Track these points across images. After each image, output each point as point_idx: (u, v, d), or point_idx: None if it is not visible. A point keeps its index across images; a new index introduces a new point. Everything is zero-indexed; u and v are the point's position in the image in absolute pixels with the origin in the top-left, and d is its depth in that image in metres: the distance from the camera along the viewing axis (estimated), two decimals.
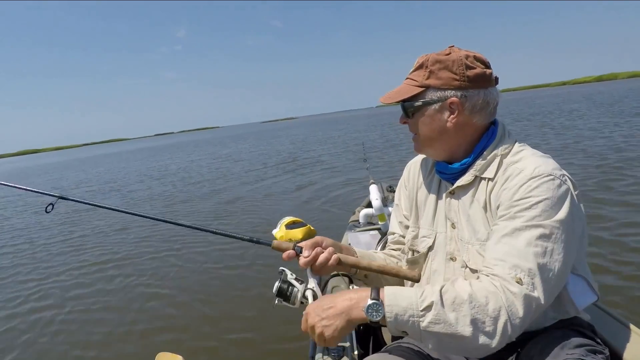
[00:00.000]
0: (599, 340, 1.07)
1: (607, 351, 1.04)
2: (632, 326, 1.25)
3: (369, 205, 2.94)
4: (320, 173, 9.94)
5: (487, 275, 0.93)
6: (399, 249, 1.37)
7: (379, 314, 0.89)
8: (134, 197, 9.82)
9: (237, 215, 6.49)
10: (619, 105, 19.40)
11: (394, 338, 1.46)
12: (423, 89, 1.08)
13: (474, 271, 1.07)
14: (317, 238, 1.18)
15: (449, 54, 1.07)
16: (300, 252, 1.15)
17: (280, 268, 1.14)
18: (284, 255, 1.16)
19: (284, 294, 1.13)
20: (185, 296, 3.57)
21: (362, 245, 2.43)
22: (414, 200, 1.28)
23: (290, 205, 6.92)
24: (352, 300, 0.94)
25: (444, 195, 1.18)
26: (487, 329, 0.86)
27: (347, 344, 1.34)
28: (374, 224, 2.79)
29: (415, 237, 1.25)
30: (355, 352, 1.33)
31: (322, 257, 1.14)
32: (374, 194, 2.77)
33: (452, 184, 1.14)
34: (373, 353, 1.16)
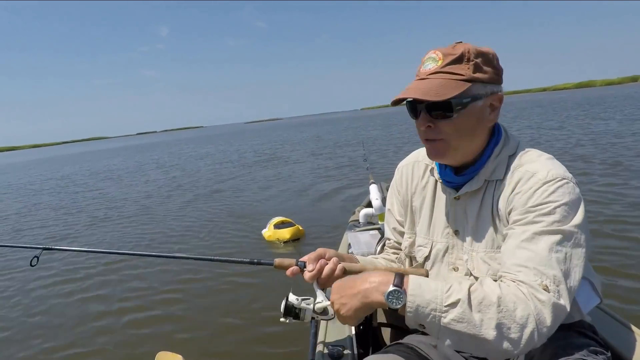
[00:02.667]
0: (600, 342, 1.06)
1: (608, 352, 1.03)
2: (633, 327, 1.24)
3: (369, 205, 2.94)
4: (319, 173, 9.98)
5: (514, 282, 0.89)
6: (396, 254, 1.33)
7: (400, 301, 0.86)
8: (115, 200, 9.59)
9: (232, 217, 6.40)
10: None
11: (393, 338, 1.45)
12: (470, 84, 0.96)
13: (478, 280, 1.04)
14: (320, 250, 1.15)
15: (484, 48, 1.00)
16: (304, 267, 1.12)
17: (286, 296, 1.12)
18: (288, 272, 1.13)
19: (293, 312, 1.10)
20: (186, 296, 3.53)
21: (362, 245, 2.42)
22: (408, 206, 1.23)
23: (289, 204, 6.87)
24: (373, 283, 0.91)
25: (444, 201, 1.12)
26: (513, 335, 0.83)
27: (347, 344, 1.32)
28: (374, 224, 2.78)
29: (412, 244, 1.21)
30: (355, 352, 1.30)
31: (327, 269, 1.11)
32: (374, 194, 2.76)
33: (456, 190, 1.09)
34: (373, 353, 1.14)
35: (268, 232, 4.86)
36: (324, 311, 1.08)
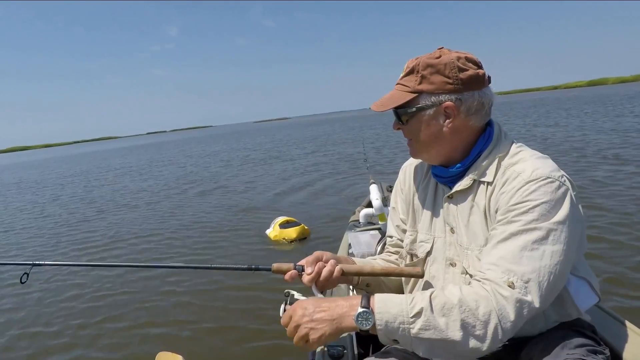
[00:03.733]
0: (599, 341, 1.06)
1: (607, 351, 1.03)
2: (632, 326, 1.25)
3: (369, 205, 2.94)
4: (319, 172, 9.98)
5: (479, 280, 0.92)
6: (397, 252, 1.35)
7: (369, 322, 0.88)
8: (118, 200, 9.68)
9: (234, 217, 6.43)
10: None
11: None
12: (416, 94, 1.05)
13: (473, 277, 1.04)
14: (317, 253, 1.16)
15: (440, 57, 1.04)
16: (303, 271, 1.13)
17: (286, 290, 1.11)
18: (286, 276, 1.13)
19: None
20: (186, 296, 3.54)
21: (362, 245, 2.42)
22: (410, 204, 1.26)
23: (288, 204, 6.89)
24: (344, 307, 0.92)
25: (442, 199, 1.15)
26: (478, 332, 0.86)
27: (347, 344, 1.32)
28: (374, 224, 2.78)
29: (414, 241, 1.23)
30: (356, 352, 1.31)
31: (325, 271, 1.12)
32: (374, 194, 2.75)
33: (450, 188, 1.12)
34: (373, 353, 1.14)
35: (273, 232, 4.86)
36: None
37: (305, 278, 1.12)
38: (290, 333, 0.97)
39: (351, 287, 1.71)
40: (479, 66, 1.05)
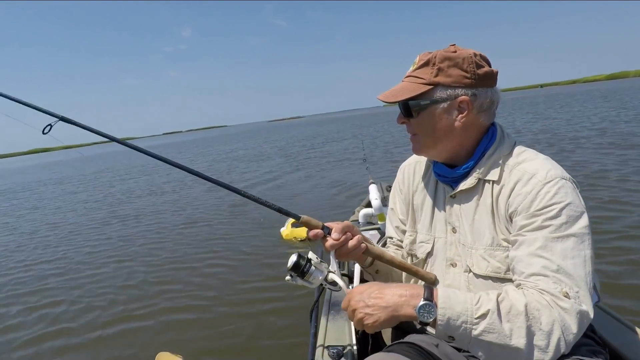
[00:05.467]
0: (598, 340, 1.06)
1: (607, 351, 1.02)
2: (632, 326, 1.24)
3: (369, 205, 2.93)
4: (319, 170, 9.99)
5: (535, 290, 0.89)
6: (397, 252, 1.33)
7: (431, 315, 0.86)
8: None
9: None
10: None
11: (394, 338, 1.46)
12: (431, 86, 1.02)
13: (478, 276, 1.05)
14: (347, 223, 1.14)
15: (456, 51, 1.02)
16: (329, 234, 1.11)
17: (309, 255, 1.09)
18: (311, 233, 1.12)
19: (301, 269, 1.08)
20: (186, 296, 3.55)
21: None
22: (410, 204, 1.24)
23: (303, 201, 6.82)
24: (403, 297, 0.90)
25: (443, 199, 1.14)
26: (540, 343, 0.83)
27: (347, 344, 1.33)
28: (374, 224, 2.78)
29: (413, 241, 1.21)
30: (355, 352, 1.31)
31: (352, 242, 1.11)
32: (374, 194, 2.75)
33: (452, 188, 1.10)
34: (373, 353, 1.14)
35: (286, 230, 4.79)
36: (334, 283, 1.08)
37: (329, 242, 1.10)
38: (349, 316, 0.97)
39: (351, 286, 1.73)
40: (490, 65, 1.05)
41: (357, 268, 1.96)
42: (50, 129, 1.32)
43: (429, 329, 0.91)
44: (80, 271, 4.61)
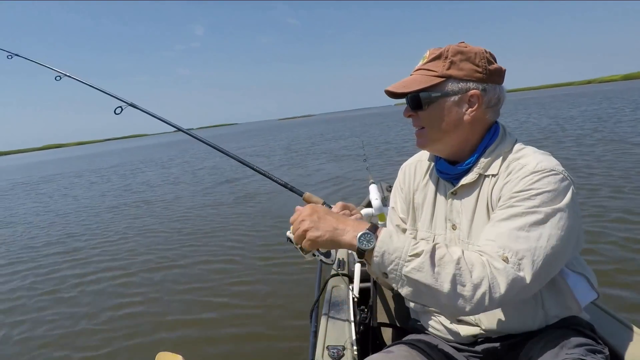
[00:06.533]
0: (598, 340, 1.06)
1: (606, 350, 1.03)
2: (631, 325, 1.25)
3: (369, 205, 2.88)
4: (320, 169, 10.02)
5: (476, 251, 0.94)
6: None
7: (370, 244, 0.90)
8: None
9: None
10: None
11: (394, 338, 1.48)
12: (443, 79, 1.04)
13: None
14: (348, 204, 1.18)
15: (467, 47, 1.05)
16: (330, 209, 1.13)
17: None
18: None
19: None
20: (186, 297, 3.55)
21: None
22: (410, 203, 1.26)
23: (287, 200, 6.83)
24: (351, 224, 0.94)
25: (444, 196, 1.15)
26: (466, 293, 0.87)
27: (347, 344, 1.33)
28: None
29: (413, 239, 1.20)
30: (355, 352, 1.32)
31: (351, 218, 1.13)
32: (374, 194, 2.70)
33: (453, 185, 1.12)
34: (373, 353, 1.15)
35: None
36: (328, 254, 1.13)
37: None
38: (294, 226, 0.99)
39: (351, 285, 1.78)
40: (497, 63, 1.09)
41: (357, 268, 1.94)
42: (122, 111, 1.71)
43: (367, 267, 0.96)
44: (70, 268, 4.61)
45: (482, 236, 0.97)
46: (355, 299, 1.69)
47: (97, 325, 3.21)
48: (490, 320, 1.08)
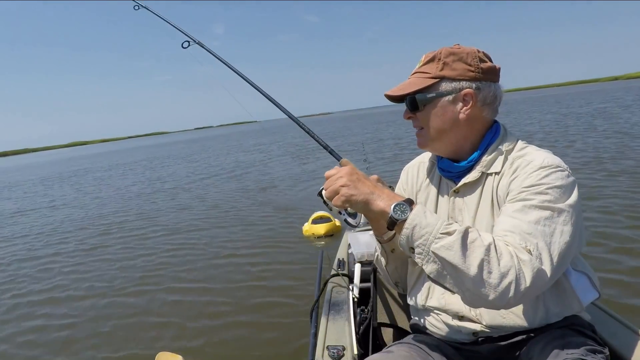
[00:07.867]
0: (599, 340, 1.07)
1: (607, 351, 1.03)
2: (632, 326, 1.24)
3: None
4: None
5: (502, 241, 0.92)
6: None
7: (404, 214, 0.91)
8: None
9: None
10: None
11: (395, 338, 1.47)
12: (437, 80, 1.07)
13: None
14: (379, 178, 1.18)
15: (460, 48, 1.08)
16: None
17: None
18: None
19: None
20: (185, 297, 3.56)
21: (362, 245, 2.37)
22: None
23: (288, 199, 6.82)
24: (388, 193, 0.96)
25: (446, 194, 1.17)
26: (492, 280, 0.86)
27: (347, 344, 1.33)
28: None
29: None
30: (355, 352, 1.31)
31: None
32: None
33: (456, 183, 1.14)
34: (373, 353, 1.16)
35: (307, 226, 4.80)
36: (354, 215, 1.12)
37: None
38: (329, 182, 1.00)
39: (351, 285, 1.78)
40: (492, 62, 1.10)
41: (357, 268, 1.93)
42: (189, 45, 1.79)
43: (398, 239, 0.95)
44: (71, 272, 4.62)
45: (497, 227, 0.97)
46: (355, 299, 1.68)
47: (98, 324, 3.23)
48: (491, 315, 1.07)
